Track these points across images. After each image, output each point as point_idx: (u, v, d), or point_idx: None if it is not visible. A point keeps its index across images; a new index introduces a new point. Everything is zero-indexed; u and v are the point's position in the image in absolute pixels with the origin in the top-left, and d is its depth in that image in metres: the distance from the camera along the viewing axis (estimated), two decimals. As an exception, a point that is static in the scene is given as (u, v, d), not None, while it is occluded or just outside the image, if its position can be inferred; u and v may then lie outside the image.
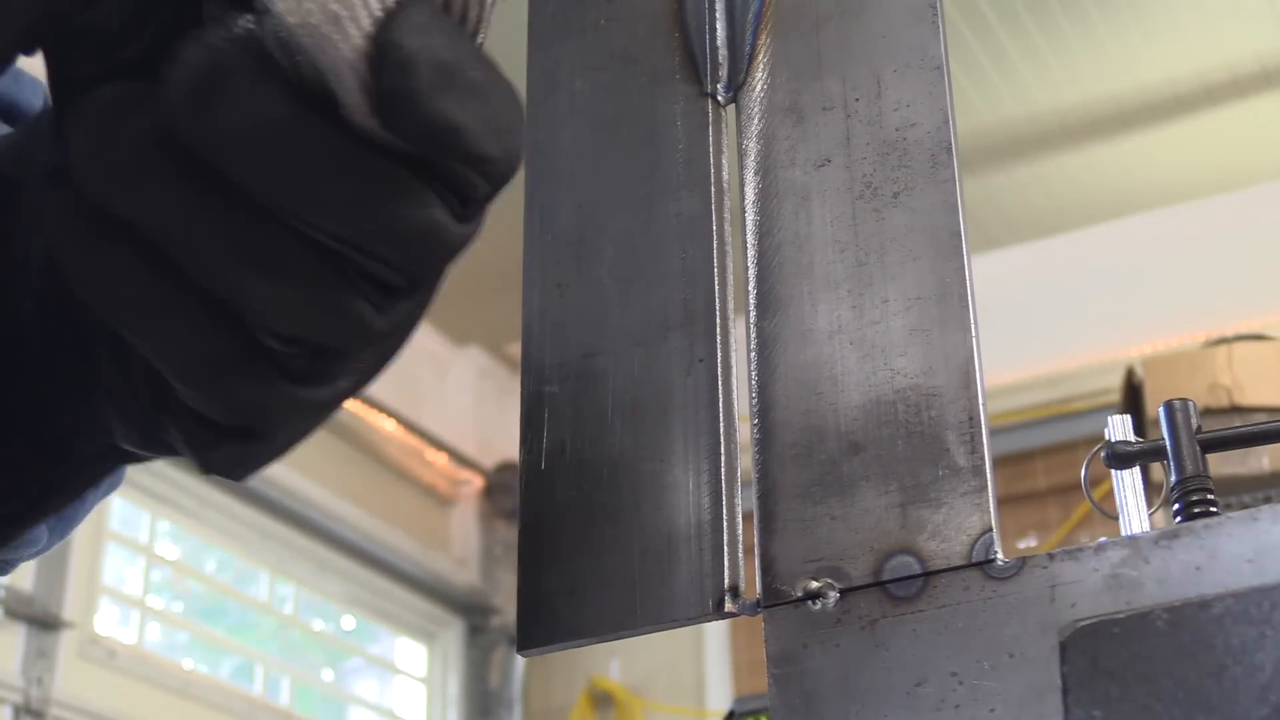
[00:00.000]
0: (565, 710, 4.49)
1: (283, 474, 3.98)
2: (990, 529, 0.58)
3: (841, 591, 0.59)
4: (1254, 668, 0.47)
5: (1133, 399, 3.27)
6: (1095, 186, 3.97)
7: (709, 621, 0.62)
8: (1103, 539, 0.55)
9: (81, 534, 3.41)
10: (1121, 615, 0.51)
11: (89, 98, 0.43)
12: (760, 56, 0.71)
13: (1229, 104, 3.67)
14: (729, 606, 0.61)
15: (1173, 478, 0.65)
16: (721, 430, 0.65)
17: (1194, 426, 0.66)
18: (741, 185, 0.69)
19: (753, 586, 0.62)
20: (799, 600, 0.60)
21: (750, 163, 0.69)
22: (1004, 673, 0.54)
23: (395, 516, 4.46)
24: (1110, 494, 0.78)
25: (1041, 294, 4.07)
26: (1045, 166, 3.90)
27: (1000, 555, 0.57)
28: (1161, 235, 4.03)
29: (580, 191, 0.73)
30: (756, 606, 0.61)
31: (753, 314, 0.67)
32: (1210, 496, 0.64)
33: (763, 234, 0.68)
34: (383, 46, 0.41)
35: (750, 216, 0.68)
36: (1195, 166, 3.89)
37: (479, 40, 0.46)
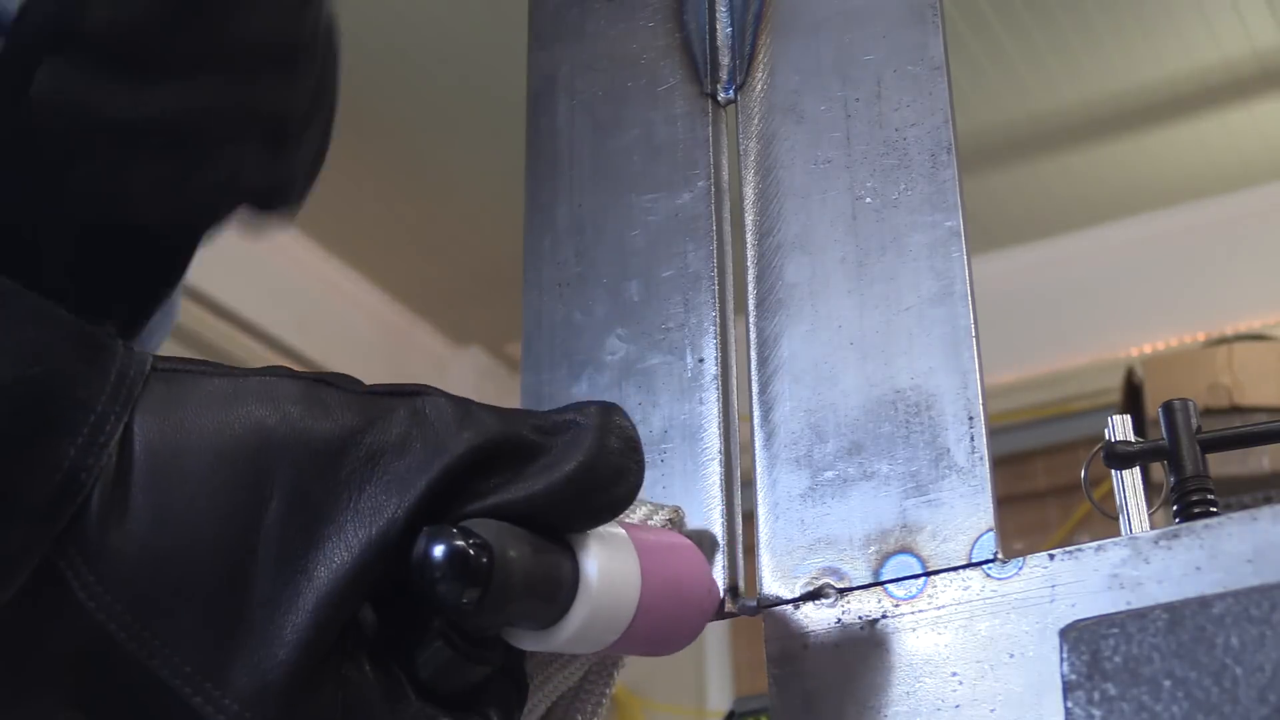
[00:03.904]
0: (565, 710, 4.48)
1: (283, 474, 3.99)
2: (990, 529, 0.58)
3: (841, 591, 0.59)
4: (1254, 668, 0.47)
5: (1133, 399, 3.27)
6: (1095, 186, 3.96)
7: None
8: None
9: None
10: (1121, 615, 0.51)
11: None
12: (760, 56, 0.71)
13: (1229, 104, 3.66)
14: (729, 606, 0.61)
15: (1173, 478, 0.65)
16: (721, 430, 0.65)
17: (1194, 426, 0.66)
18: (741, 185, 0.69)
19: (753, 586, 0.61)
20: (799, 600, 0.60)
21: (750, 163, 0.69)
22: (1004, 673, 0.54)
23: (395, 516, 4.46)
24: (1110, 494, 0.78)
25: (1041, 294, 4.07)
26: (1045, 166, 3.90)
27: (1000, 555, 0.57)
28: (1161, 235, 4.02)
29: (580, 191, 0.73)
30: (756, 606, 0.61)
31: (753, 314, 0.67)
32: (1210, 496, 0.64)
33: (763, 234, 0.68)
34: None
35: (750, 216, 0.68)
36: (1195, 166, 3.89)
37: None
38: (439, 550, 0.45)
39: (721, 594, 0.61)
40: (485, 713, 0.48)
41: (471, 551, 0.45)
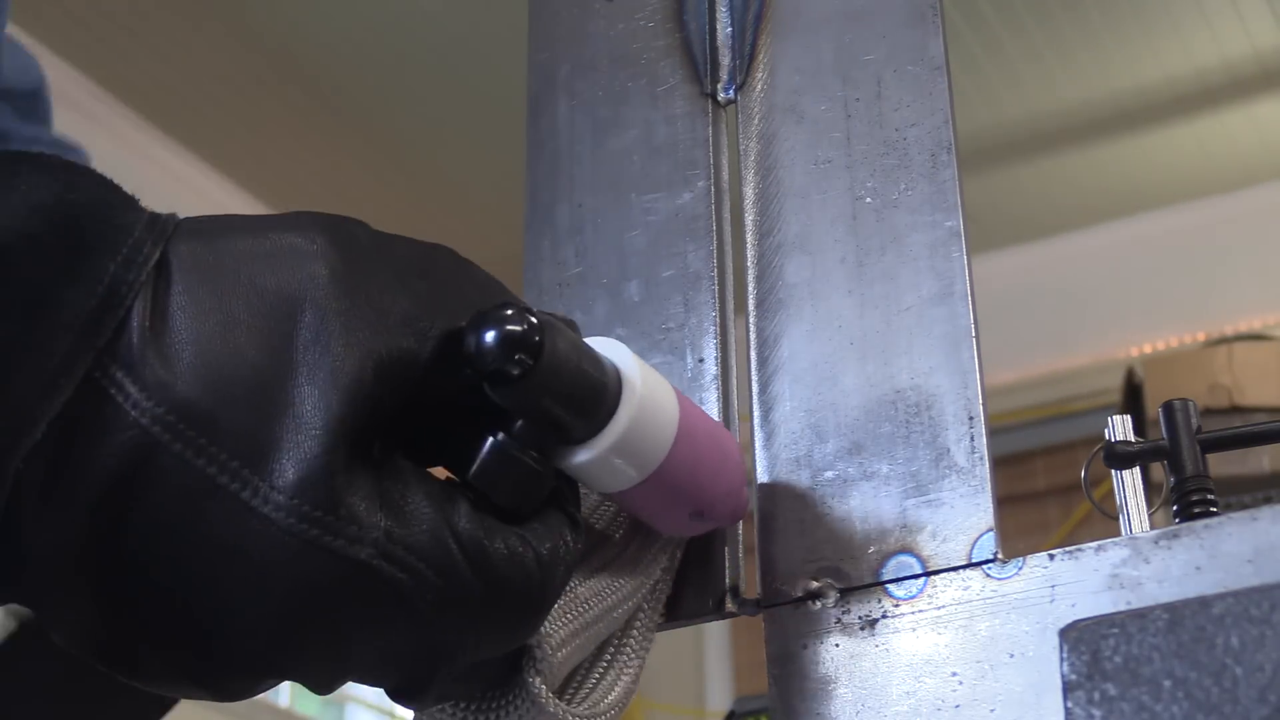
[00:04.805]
0: (565, 710, 4.48)
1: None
2: (990, 529, 0.58)
3: (841, 591, 0.59)
4: (1254, 668, 0.47)
5: (1133, 399, 3.27)
6: (1095, 186, 3.97)
7: (709, 621, 0.62)
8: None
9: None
10: (1121, 615, 0.51)
11: None
12: (760, 56, 0.71)
13: (1229, 104, 3.67)
14: (729, 606, 0.61)
15: (1173, 478, 0.65)
16: (721, 430, 0.65)
17: (1194, 426, 0.66)
18: (741, 185, 0.69)
19: (753, 586, 0.61)
20: (799, 600, 0.60)
21: (750, 163, 0.69)
22: (1004, 673, 0.54)
23: (395, 516, 4.46)
24: (1110, 494, 0.78)
25: (1041, 294, 4.07)
26: (1045, 166, 3.90)
27: (1000, 555, 0.57)
28: (1161, 235, 4.02)
29: (580, 191, 0.73)
30: (756, 606, 0.61)
31: (753, 314, 0.67)
32: (1210, 496, 0.63)
33: (763, 234, 0.68)
34: None
35: (750, 216, 0.68)
36: (1195, 166, 3.89)
37: None
38: (493, 320, 0.48)
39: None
40: (546, 517, 0.50)
41: (524, 326, 0.48)
